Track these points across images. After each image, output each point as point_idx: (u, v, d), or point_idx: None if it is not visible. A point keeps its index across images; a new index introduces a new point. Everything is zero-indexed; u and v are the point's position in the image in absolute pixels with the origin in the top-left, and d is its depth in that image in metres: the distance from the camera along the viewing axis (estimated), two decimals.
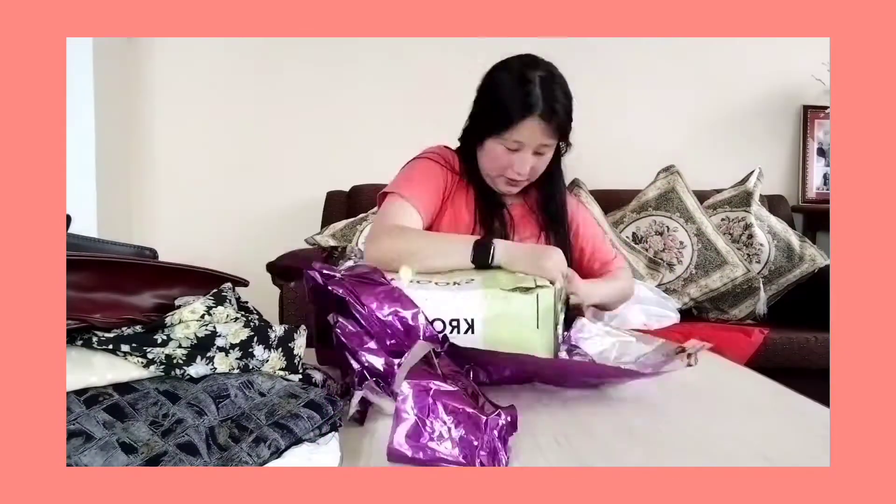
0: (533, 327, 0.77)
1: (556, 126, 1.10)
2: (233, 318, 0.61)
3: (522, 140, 1.09)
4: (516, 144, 1.10)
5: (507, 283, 0.81)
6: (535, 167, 1.13)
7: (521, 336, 0.77)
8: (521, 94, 1.08)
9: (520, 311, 0.78)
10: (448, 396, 0.57)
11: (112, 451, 0.46)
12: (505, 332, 0.77)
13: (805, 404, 0.75)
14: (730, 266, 1.99)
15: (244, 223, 2.44)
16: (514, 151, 1.10)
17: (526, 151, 1.10)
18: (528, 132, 1.08)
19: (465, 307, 0.78)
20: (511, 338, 0.77)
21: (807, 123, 2.50)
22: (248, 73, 2.43)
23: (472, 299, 0.79)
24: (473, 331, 0.78)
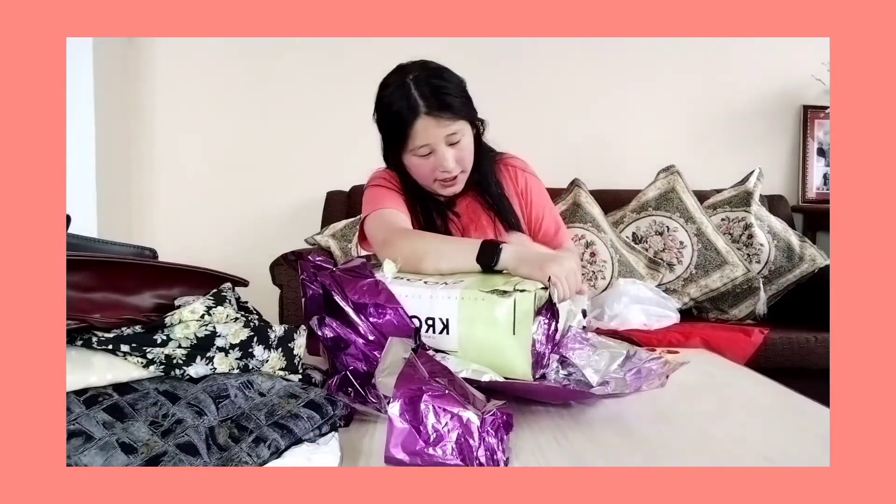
0: (509, 332, 0.72)
1: (451, 113, 1.09)
2: (233, 318, 0.61)
3: (427, 142, 1.09)
4: (425, 149, 1.10)
5: (486, 285, 0.77)
6: (459, 157, 1.12)
7: (497, 340, 0.72)
8: (403, 103, 1.09)
9: (496, 315, 0.72)
10: (440, 400, 0.57)
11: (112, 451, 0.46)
12: (480, 335, 0.73)
13: (805, 404, 0.75)
14: (730, 266, 1.99)
15: (244, 223, 2.44)
16: (430, 155, 1.11)
17: (439, 149, 1.10)
18: (425, 133, 1.08)
19: (441, 307, 0.75)
20: (486, 341, 0.73)
21: (807, 123, 2.50)
22: (248, 73, 2.43)
23: (449, 299, 0.75)
24: (448, 331, 0.74)
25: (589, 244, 1.97)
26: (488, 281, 0.80)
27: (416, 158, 1.12)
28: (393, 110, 1.11)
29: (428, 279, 0.82)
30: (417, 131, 1.08)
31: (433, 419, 0.56)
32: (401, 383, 0.58)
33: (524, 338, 0.71)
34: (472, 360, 0.73)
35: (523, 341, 0.71)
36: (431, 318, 0.75)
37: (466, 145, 1.12)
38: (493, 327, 0.72)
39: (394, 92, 1.12)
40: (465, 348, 0.73)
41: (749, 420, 0.70)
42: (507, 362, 0.72)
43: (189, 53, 2.40)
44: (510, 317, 0.72)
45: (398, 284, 0.78)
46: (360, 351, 0.73)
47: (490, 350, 0.72)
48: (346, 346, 0.73)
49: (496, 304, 0.72)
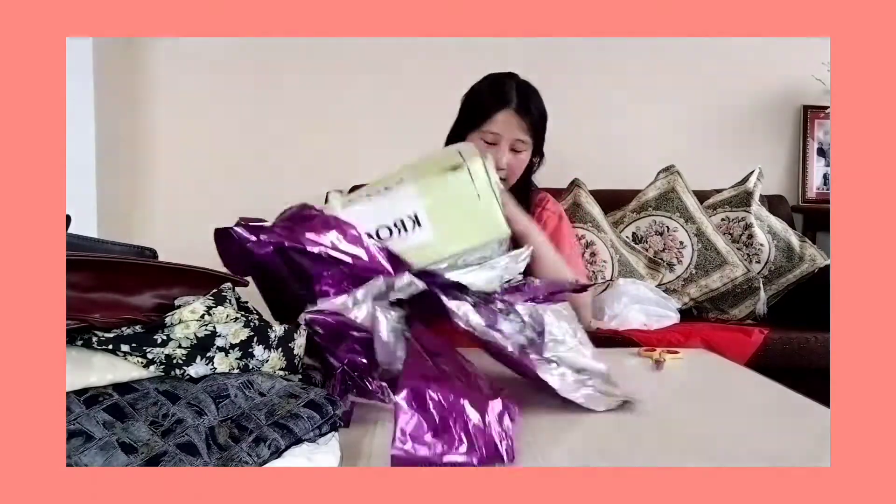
0: (475, 200, 0.77)
1: (531, 124, 1.18)
2: (233, 318, 0.61)
3: (499, 131, 1.17)
4: (493, 136, 1.17)
5: (435, 168, 0.79)
6: (512, 165, 1.19)
7: (469, 212, 0.77)
8: (497, 91, 1.19)
9: (459, 191, 0.77)
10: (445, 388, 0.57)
11: (112, 451, 0.46)
12: (452, 215, 0.77)
13: (805, 404, 0.75)
14: (730, 266, 1.99)
15: None
16: (492, 145, 1.17)
17: (503, 145, 1.17)
18: (504, 124, 1.16)
19: (404, 206, 0.77)
20: (457, 216, 0.77)
21: (807, 123, 2.49)
22: (248, 73, 2.42)
23: (409, 196, 0.77)
24: (420, 224, 0.77)
25: (589, 244, 1.97)
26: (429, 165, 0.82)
27: (479, 142, 1.18)
28: (486, 94, 1.20)
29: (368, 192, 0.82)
30: (497, 119, 1.17)
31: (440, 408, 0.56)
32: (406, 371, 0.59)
33: (488, 198, 0.77)
34: (450, 240, 0.77)
35: (488, 200, 0.77)
36: (400, 219, 0.77)
37: (522, 161, 1.21)
38: (460, 203, 0.77)
39: (494, 82, 1.22)
40: (440, 233, 0.77)
41: (749, 420, 0.70)
42: (482, 226, 0.77)
43: (189, 53, 2.39)
44: (470, 186, 0.77)
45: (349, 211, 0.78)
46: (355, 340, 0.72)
47: (464, 222, 0.77)
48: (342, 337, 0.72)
49: (456, 180, 0.77)
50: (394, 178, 0.83)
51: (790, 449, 0.61)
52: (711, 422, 0.68)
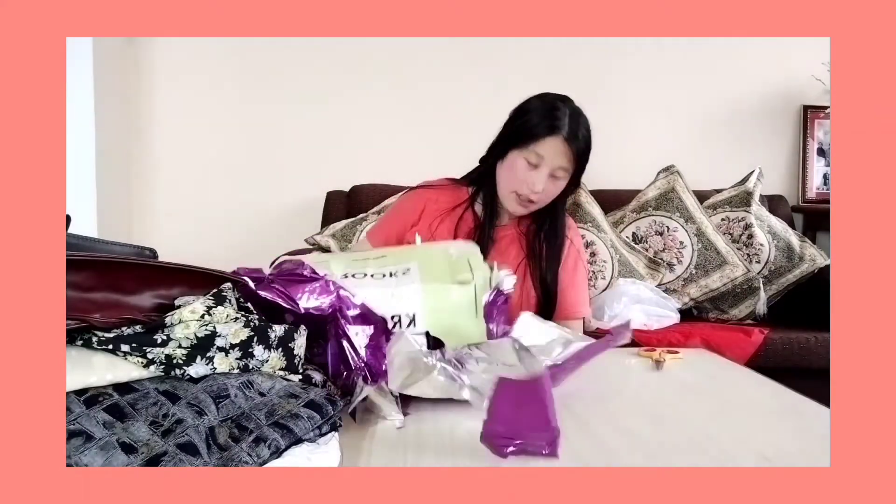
0: (472, 316, 0.79)
1: (576, 153, 1.17)
2: (233, 318, 0.61)
3: (544, 155, 1.15)
4: (537, 159, 1.16)
5: (444, 276, 0.82)
6: (548, 191, 1.18)
7: (461, 325, 0.79)
8: (550, 116, 1.17)
9: (459, 303, 0.80)
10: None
11: (112, 451, 0.46)
12: (446, 322, 0.78)
13: (805, 404, 0.75)
14: (730, 266, 1.99)
15: (244, 223, 2.44)
16: (534, 167, 1.16)
17: (544, 169, 1.16)
18: (551, 149, 1.15)
19: (405, 304, 0.79)
20: (452, 326, 0.78)
21: (807, 123, 2.49)
22: (248, 73, 2.42)
23: (412, 295, 0.79)
24: (416, 324, 0.79)
25: (589, 244, 1.97)
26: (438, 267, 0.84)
27: (521, 161, 1.17)
28: (537, 116, 1.18)
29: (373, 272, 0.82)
30: (545, 143, 1.16)
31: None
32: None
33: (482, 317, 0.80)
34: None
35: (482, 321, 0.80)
36: (397, 314, 0.78)
37: (558, 188, 1.20)
38: (457, 314, 0.79)
39: (548, 105, 1.20)
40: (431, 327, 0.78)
41: (749, 420, 0.70)
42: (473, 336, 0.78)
43: (189, 53, 2.40)
44: (472, 302, 0.80)
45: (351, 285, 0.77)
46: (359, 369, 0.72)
47: (455, 332, 0.78)
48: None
49: (459, 293, 0.80)
50: (400, 265, 0.84)
51: (790, 449, 0.61)
52: (711, 422, 0.68)
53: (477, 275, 0.81)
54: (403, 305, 0.79)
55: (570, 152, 1.16)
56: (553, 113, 1.17)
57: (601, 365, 0.84)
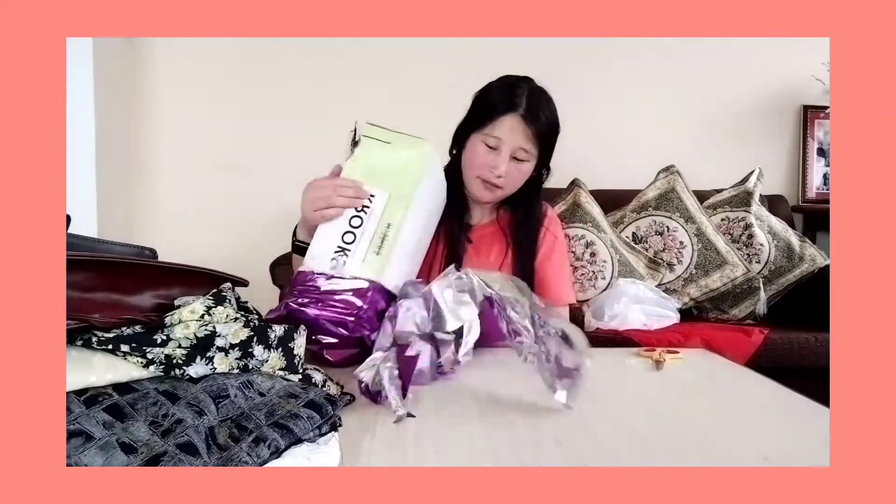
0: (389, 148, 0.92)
1: (537, 133, 1.12)
2: (232, 318, 0.61)
3: (502, 137, 1.11)
4: (495, 141, 1.12)
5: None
6: (512, 175, 1.14)
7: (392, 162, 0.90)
8: (507, 95, 1.13)
9: (377, 154, 0.92)
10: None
11: (112, 451, 0.46)
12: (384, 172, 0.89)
13: (805, 404, 0.75)
14: (730, 266, 1.99)
15: (244, 223, 2.44)
16: (494, 150, 1.12)
17: (505, 151, 1.12)
18: (508, 129, 1.11)
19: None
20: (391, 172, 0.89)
21: (807, 123, 2.50)
22: (249, 73, 2.42)
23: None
24: (373, 195, 0.88)
25: (589, 244, 1.97)
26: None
27: (480, 145, 1.14)
28: (494, 96, 1.15)
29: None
30: (502, 123, 1.12)
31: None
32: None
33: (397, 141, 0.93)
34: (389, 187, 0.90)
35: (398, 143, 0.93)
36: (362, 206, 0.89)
37: (524, 171, 1.15)
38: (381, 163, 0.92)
39: (506, 85, 1.16)
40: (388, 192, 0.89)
41: (749, 420, 0.70)
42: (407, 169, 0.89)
43: (189, 53, 2.40)
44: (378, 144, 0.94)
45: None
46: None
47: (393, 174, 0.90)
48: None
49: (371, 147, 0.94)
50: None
51: (790, 449, 0.61)
52: (711, 422, 0.68)
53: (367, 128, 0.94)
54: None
55: (528, 131, 1.11)
56: (511, 90, 1.13)
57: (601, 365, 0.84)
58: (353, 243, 0.84)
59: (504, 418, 0.67)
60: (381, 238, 0.85)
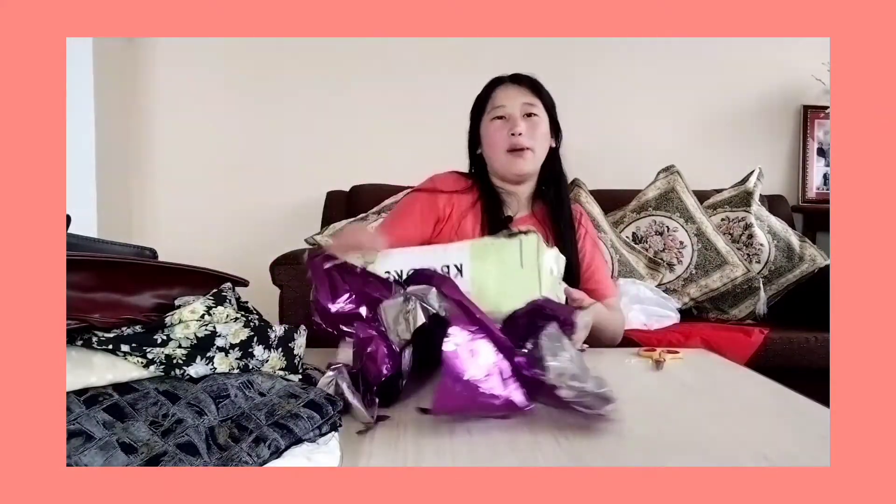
0: (518, 268, 0.84)
1: (532, 87, 1.21)
2: (233, 318, 0.61)
3: (503, 103, 1.20)
4: (501, 110, 1.19)
5: (493, 238, 0.90)
6: (532, 133, 1.19)
7: (508, 278, 0.83)
8: (491, 81, 1.25)
9: (505, 256, 0.85)
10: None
11: (112, 450, 0.46)
12: (492, 271, 0.84)
13: (805, 404, 0.75)
14: (730, 266, 1.99)
15: (244, 223, 2.44)
16: (504, 119, 1.19)
17: (514, 113, 1.19)
18: (505, 95, 1.20)
19: (453, 256, 0.86)
20: (498, 275, 0.84)
21: (807, 123, 2.49)
22: (248, 73, 2.42)
23: (460, 249, 0.87)
24: (462, 274, 0.85)
25: None
26: (490, 238, 0.92)
27: (492, 123, 1.21)
28: (484, 87, 1.25)
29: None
30: (497, 94, 1.22)
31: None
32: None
33: (531, 271, 0.84)
34: (484, 296, 0.81)
35: (530, 274, 0.84)
36: (446, 265, 0.85)
37: (540, 124, 1.21)
38: (502, 264, 0.85)
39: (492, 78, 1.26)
40: (478, 285, 0.84)
41: (749, 420, 0.70)
42: (518, 294, 0.80)
43: (189, 53, 2.40)
44: (517, 253, 0.85)
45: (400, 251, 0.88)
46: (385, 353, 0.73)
47: (502, 285, 0.83)
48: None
49: (504, 246, 0.86)
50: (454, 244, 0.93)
51: (790, 449, 0.61)
52: (711, 422, 0.68)
53: (526, 235, 0.86)
54: (451, 258, 0.86)
55: (524, 89, 1.20)
56: (494, 79, 1.25)
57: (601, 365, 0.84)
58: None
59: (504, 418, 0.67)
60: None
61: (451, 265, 0.84)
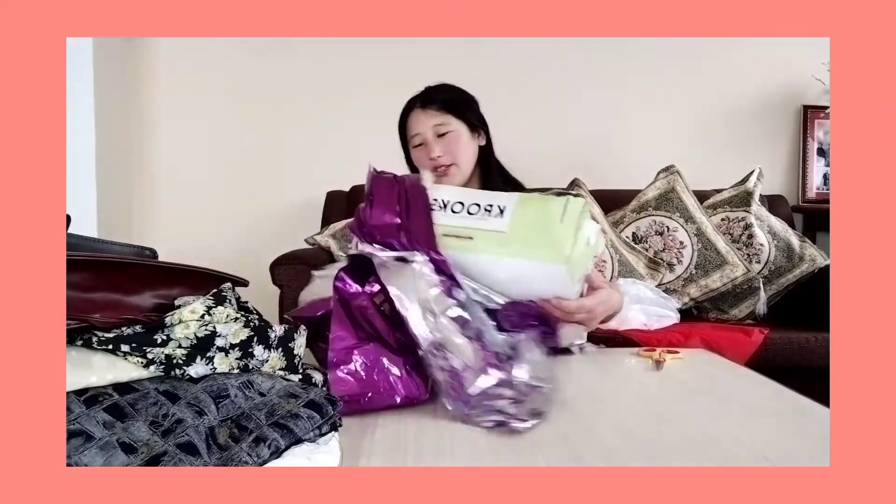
0: (556, 221, 0.82)
1: (438, 107, 1.25)
2: (233, 318, 0.61)
3: (418, 131, 1.25)
4: (418, 139, 1.25)
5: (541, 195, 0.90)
6: (447, 148, 1.24)
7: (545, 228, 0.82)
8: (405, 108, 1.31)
9: (548, 210, 0.84)
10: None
11: (112, 451, 0.46)
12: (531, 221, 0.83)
13: (805, 404, 0.75)
14: (730, 266, 1.99)
15: (244, 223, 2.44)
16: (423, 146, 1.25)
17: (427, 137, 1.24)
18: (415, 123, 1.26)
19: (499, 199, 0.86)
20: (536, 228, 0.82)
21: (807, 123, 2.50)
22: (249, 73, 2.43)
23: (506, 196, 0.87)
24: (503, 214, 0.84)
25: None
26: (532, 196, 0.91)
27: (415, 152, 1.27)
28: (401, 114, 1.32)
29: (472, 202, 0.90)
30: (411, 123, 1.28)
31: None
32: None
33: (569, 228, 0.82)
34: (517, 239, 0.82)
35: (567, 230, 0.82)
36: (489, 204, 0.85)
37: (455, 139, 1.25)
38: (543, 213, 0.83)
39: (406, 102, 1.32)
40: (514, 227, 0.83)
41: (749, 420, 0.70)
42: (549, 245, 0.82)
43: (189, 53, 2.40)
44: (561, 208, 0.83)
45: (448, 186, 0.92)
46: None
47: (536, 232, 0.82)
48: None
49: (549, 202, 0.85)
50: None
51: (790, 449, 0.61)
52: (711, 422, 0.68)
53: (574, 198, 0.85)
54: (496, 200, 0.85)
55: (430, 111, 1.24)
56: (407, 104, 1.31)
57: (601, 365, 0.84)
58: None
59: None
60: None
61: (495, 205, 0.85)
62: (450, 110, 1.25)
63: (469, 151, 1.26)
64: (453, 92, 1.30)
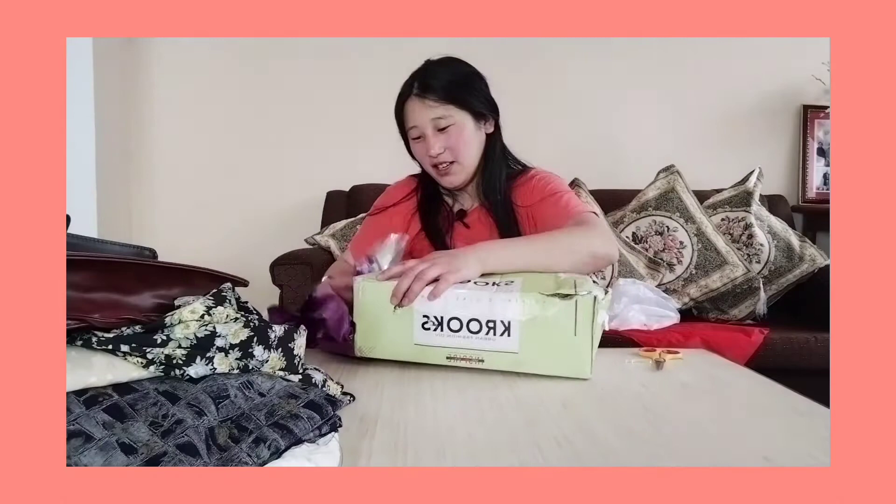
0: (570, 334, 0.76)
1: (437, 96, 1.12)
2: (233, 318, 0.61)
3: (415, 123, 1.13)
4: (416, 131, 1.14)
5: (547, 288, 0.78)
6: (450, 145, 1.13)
7: (559, 345, 0.77)
8: (400, 94, 1.17)
9: (557, 317, 0.76)
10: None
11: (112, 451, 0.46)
12: (541, 336, 0.77)
13: (805, 404, 0.75)
14: (730, 266, 1.99)
15: (244, 223, 2.44)
16: (421, 139, 1.14)
17: (427, 131, 1.13)
18: (412, 114, 1.13)
19: (502, 310, 0.77)
20: (547, 342, 0.77)
21: (807, 123, 2.50)
22: (249, 73, 2.43)
23: (509, 302, 0.77)
24: (510, 334, 0.77)
25: None
26: (539, 281, 0.82)
27: (414, 145, 1.17)
28: (396, 102, 1.17)
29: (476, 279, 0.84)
30: (407, 113, 1.15)
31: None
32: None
33: (584, 339, 0.76)
34: (530, 361, 0.78)
35: (583, 342, 0.76)
36: (492, 321, 0.77)
37: (458, 133, 1.13)
38: (554, 329, 0.76)
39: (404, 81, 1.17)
40: (524, 349, 0.78)
41: (749, 420, 0.70)
42: (566, 362, 0.77)
43: (189, 53, 2.40)
44: (571, 319, 0.76)
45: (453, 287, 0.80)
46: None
47: (550, 350, 0.77)
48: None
49: (559, 307, 0.76)
50: (506, 277, 0.84)
51: (790, 449, 0.61)
52: (711, 422, 0.68)
53: (581, 292, 0.76)
54: (499, 312, 0.77)
55: (430, 102, 1.11)
56: (402, 89, 1.17)
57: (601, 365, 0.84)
58: None
59: (504, 418, 0.67)
60: None
61: (497, 321, 0.77)
62: (451, 100, 1.12)
63: (473, 144, 1.15)
64: (456, 73, 1.16)
